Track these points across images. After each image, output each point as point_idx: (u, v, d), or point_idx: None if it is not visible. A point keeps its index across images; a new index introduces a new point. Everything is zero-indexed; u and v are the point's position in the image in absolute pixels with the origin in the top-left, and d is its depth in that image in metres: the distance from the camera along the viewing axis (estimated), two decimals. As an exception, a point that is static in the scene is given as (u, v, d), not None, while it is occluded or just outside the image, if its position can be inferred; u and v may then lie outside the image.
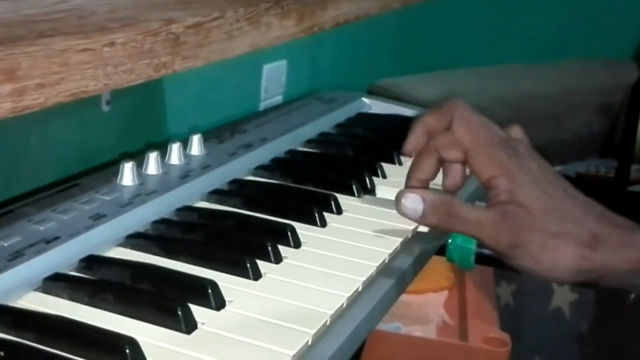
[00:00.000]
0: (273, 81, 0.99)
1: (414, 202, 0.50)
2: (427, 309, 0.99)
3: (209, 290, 0.45)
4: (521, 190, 0.51)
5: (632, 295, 0.93)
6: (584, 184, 1.29)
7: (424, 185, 0.55)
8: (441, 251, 0.69)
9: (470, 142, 0.54)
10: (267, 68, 0.97)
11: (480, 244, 0.52)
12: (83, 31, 0.46)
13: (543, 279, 0.52)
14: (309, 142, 0.77)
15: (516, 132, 0.59)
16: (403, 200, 0.51)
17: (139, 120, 0.77)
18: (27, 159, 0.63)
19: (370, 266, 0.52)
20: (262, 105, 0.97)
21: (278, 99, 1.01)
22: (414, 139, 0.57)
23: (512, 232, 0.50)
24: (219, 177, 0.64)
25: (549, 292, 1.15)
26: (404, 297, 0.68)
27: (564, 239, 0.50)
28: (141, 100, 0.76)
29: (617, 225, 0.52)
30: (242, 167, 0.67)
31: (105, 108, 0.71)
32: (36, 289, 0.46)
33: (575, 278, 0.52)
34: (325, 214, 0.59)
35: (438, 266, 0.99)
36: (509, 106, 1.27)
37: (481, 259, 0.71)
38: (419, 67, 1.37)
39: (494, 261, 0.72)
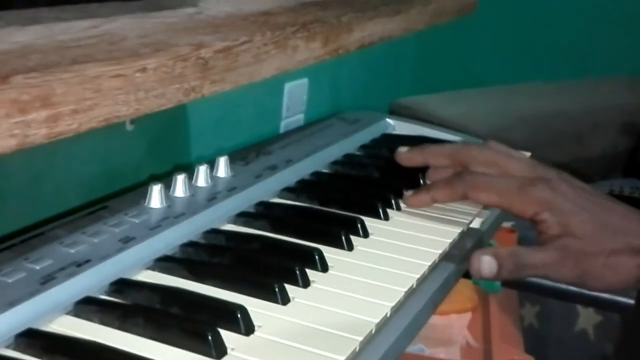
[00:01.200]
0: (294, 99, 0.99)
1: (489, 264, 0.56)
2: (451, 330, 0.99)
3: (239, 315, 0.45)
4: (569, 219, 0.56)
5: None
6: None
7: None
8: (466, 273, 0.68)
9: (497, 199, 0.59)
10: (288, 86, 0.97)
11: (548, 280, 0.58)
12: (115, 57, 0.46)
13: (608, 292, 0.56)
14: (334, 164, 0.77)
15: (523, 159, 0.63)
16: (480, 264, 0.56)
17: (163, 139, 0.77)
18: (52, 181, 0.64)
19: (399, 291, 0.52)
20: (284, 124, 0.98)
21: (300, 117, 1.01)
22: (422, 202, 0.64)
23: (575, 263, 0.55)
24: (246, 199, 0.64)
25: (574, 314, 1.14)
26: (428, 319, 0.67)
27: (620, 253, 0.55)
28: (165, 119, 0.77)
29: None
30: (268, 189, 0.67)
31: (130, 127, 0.72)
32: (67, 313, 0.46)
33: (636, 285, 0.57)
34: (352, 237, 0.59)
35: (462, 288, 0.98)
36: (531, 125, 1.27)
37: (506, 281, 0.71)
38: (440, 86, 1.38)
39: (518, 284, 0.72)
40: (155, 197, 0.59)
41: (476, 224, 0.66)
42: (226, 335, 0.44)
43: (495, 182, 0.59)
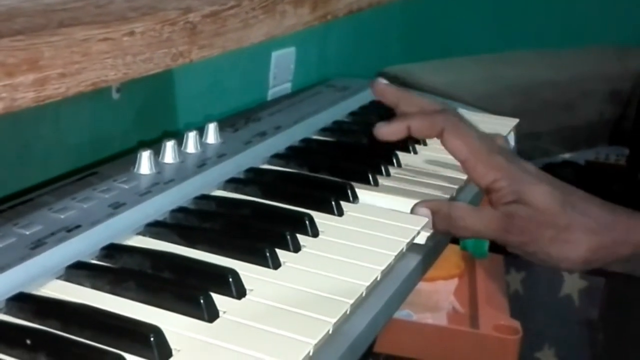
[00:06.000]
0: (282, 68, 0.99)
1: (423, 215, 0.56)
2: (437, 296, 1.00)
3: (230, 279, 0.45)
4: (525, 188, 0.53)
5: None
6: (593, 171, 1.29)
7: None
8: (454, 239, 0.69)
9: (468, 152, 0.56)
10: (275, 55, 0.97)
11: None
12: (103, 21, 0.46)
13: (554, 269, 0.55)
14: (324, 131, 0.77)
15: (501, 141, 0.61)
16: (414, 213, 0.57)
17: (149, 107, 0.77)
18: (40, 148, 0.63)
19: (389, 255, 0.52)
20: (271, 93, 0.97)
21: (287, 86, 1.01)
22: (395, 131, 0.58)
23: (521, 231, 0.53)
24: (235, 165, 0.64)
25: (559, 280, 1.16)
26: (415, 285, 0.67)
27: (574, 230, 0.53)
28: (151, 87, 0.76)
29: (617, 212, 0.55)
30: (258, 155, 0.67)
31: (115, 95, 0.71)
32: (59, 277, 0.46)
33: (584, 267, 0.55)
34: (342, 203, 0.59)
35: (449, 254, 0.99)
36: (519, 94, 1.27)
37: (493, 247, 0.71)
38: (428, 54, 1.37)
39: (505, 249, 0.73)
40: (145, 163, 0.59)
41: (470, 193, 0.66)
42: (218, 298, 0.44)
43: (472, 137, 0.56)
